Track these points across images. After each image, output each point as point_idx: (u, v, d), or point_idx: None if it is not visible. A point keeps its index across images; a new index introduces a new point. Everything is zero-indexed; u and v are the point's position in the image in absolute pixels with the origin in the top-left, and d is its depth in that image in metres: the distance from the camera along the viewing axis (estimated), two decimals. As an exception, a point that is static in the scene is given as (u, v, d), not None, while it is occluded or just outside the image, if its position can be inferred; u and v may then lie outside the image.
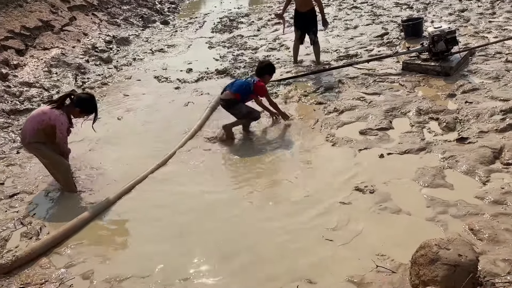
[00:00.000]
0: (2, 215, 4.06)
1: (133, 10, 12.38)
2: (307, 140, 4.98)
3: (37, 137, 4.14)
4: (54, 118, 4.10)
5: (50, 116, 4.10)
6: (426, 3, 10.71)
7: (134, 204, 4.13)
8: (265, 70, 5.33)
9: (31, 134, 4.13)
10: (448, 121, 4.93)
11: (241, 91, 5.12)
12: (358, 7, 11.30)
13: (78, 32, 9.48)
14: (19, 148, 5.24)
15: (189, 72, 7.75)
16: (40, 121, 4.10)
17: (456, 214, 3.50)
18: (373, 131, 4.97)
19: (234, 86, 5.18)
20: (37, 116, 4.14)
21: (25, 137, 4.18)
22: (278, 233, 3.52)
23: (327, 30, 9.51)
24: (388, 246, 3.25)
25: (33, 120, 4.14)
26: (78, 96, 4.35)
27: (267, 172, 4.50)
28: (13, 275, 3.30)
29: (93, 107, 4.34)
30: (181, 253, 3.42)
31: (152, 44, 9.90)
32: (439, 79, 6.16)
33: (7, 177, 4.67)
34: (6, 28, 7.81)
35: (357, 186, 4.00)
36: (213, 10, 13.61)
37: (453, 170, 4.10)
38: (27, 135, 4.15)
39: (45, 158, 4.27)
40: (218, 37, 10.02)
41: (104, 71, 7.99)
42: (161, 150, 4.93)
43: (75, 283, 3.21)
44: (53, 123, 4.09)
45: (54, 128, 4.12)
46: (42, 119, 4.10)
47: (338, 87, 6.32)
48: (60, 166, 4.27)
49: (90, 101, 4.33)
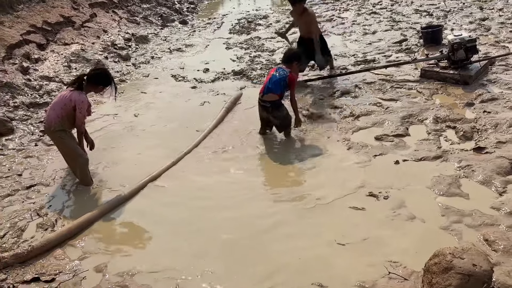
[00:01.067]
0: (19, 206, 4.14)
1: (152, 9, 12.49)
2: (322, 143, 4.97)
3: (61, 125, 4.23)
4: (75, 98, 4.18)
5: (71, 97, 4.18)
6: (446, 11, 10.61)
7: (148, 200, 4.18)
8: (295, 57, 5.15)
9: (56, 122, 4.21)
10: (465, 130, 4.88)
11: (282, 88, 4.97)
12: (377, 13, 11.24)
13: (98, 28, 9.60)
14: (37, 140, 5.33)
15: (206, 72, 7.80)
16: (63, 106, 4.19)
17: (471, 224, 3.47)
18: (389, 137, 4.94)
19: (274, 85, 4.94)
20: (60, 101, 4.23)
21: (50, 125, 4.25)
22: (289, 236, 3.53)
23: (345, 34, 9.50)
24: (401, 253, 3.23)
25: (57, 107, 4.22)
26: (92, 73, 4.39)
27: (279, 174, 4.51)
28: (28, 265, 3.37)
29: (109, 79, 4.39)
30: (194, 251, 3.45)
31: (170, 43, 9.98)
32: (457, 87, 6.10)
33: (25, 168, 4.76)
34: (29, 23, 7.94)
35: (371, 192, 3.98)
36: (231, 11, 13.66)
37: (469, 180, 4.06)
38: (52, 123, 4.23)
39: (66, 149, 4.35)
40: (235, 38, 10.05)
41: (123, 68, 8.08)
42: (176, 148, 4.97)
43: (88, 275, 3.26)
44: (74, 103, 4.16)
45: (75, 111, 4.20)
46: (64, 103, 4.19)
47: (354, 92, 6.30)
48: (79, 158, 4.34)
49: (105, 75, 4.40)
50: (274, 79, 4.97)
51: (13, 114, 5.74)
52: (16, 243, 3.63)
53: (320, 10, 12.20)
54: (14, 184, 4.46)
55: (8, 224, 3.85)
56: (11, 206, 4.13)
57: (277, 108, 5.02)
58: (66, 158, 4.47)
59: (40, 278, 3.22)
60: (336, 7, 12.41)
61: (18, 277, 3.24)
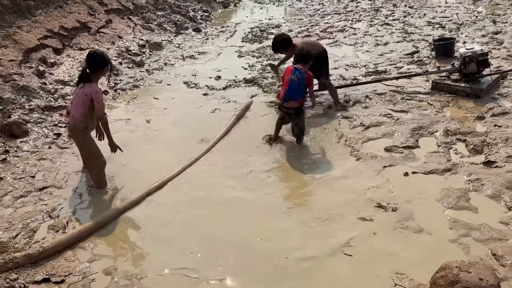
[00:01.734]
0: (32, 207, 4.22)
1: (167, 16, 12.66)
2: (331, 153, 5.00)
3: (85, 122, 4.33)
4: (89, 91, 4.23)
5: (85, 92, 4.24)
6: (459, 24, 10.60)
7: (157, 205, 4.23)
8: (311, 56, 5.15)
9: (81, 120, 4.30)
10: (475, 143, 4.87)
11: (302, 93, 5.02)
12: (390, 24, 11.27)
13: (113, 34, 9.76)
14: (51, 143, 5.43)
15: (217, 79, 7.88)
16: (82, 103, 4.26)
17: (479, 238, 3.46)
18: (399, 148, 4.95)
19: (294, 92, 4.98)
20: (78, 100, 4.30)
21: (75, 124, 4.34)
22: (297, 245, 3.55)
23: (357, 45, 9.52)
24: (408, 265, 3.24)
25: (77, 106, 4.30)
26: (90, 61, 4.33)
27: (286, 183, 4.54)
28: (39, 265, 3.43)
29: (105, 57, 4.38)
30: (203, 257, 3.49)
31: (184, 50, 10.10)
32: (468, 100, 6.10)
33: (38, 170, 4.84)
34: (46, 28, 8.11)
35: (380, 203, 3.99)
36: (244, 20, 13.78)
37: (478, 193, 4.05)
38: (77, 122, 4.32)
39: (86, 149, 4.44)
40: (248, 47, 10.15)
41: (136, 74, 8.20)
42: (187, 154, 5.03)
43: (97, 277, 3.31)
44: (90, 96, 4.23)
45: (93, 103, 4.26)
46: (82, 100, 4.26)
47: (365, 102, 6.32)
48: (97, 160, 4.42)
49: (99, 55, 4.36)
50: (293, 86, 4.97)
51: (28, 116, 5.85)
52: (27, 243, 3.69)
53: (333, 20, 12.27)
54: (27, 186, 4.54)
55: (21, 225, 3.93)
56: (24, 207, 4.21)
57: (298, 115, 5.09)
58: (86, 159, 4.57)
59: (50, 279, 3.27)
60: (348, 17, 12.48)
61: (29, 277, 3.30)
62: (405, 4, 14.11)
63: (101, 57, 4.36)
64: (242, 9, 15.99)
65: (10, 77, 6.33)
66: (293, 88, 4.97)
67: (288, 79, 4.98)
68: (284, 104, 5.06)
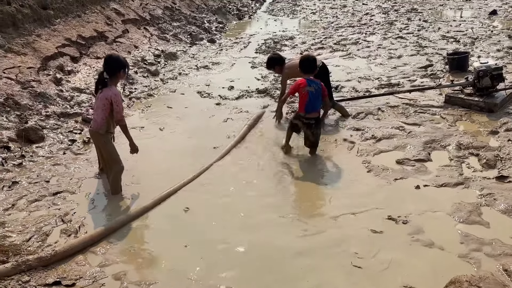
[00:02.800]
0: (45, 211, 4.29)
1: (182, 27, 12.85)
2: (342, 165, 5.00)
3: (107, 126, 4.41)
4: (108, 94, 4.30)
5: (105, 96, 4.31)
6: (474, 38, 10.57)
7: (171, 211, 4.27)
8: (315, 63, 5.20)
9: (102, 124, 4.38)
10: (488, 158, 4.83)
11: (320, 102, 5.13)
12: (404, 37, 11.28)
13: (130, 44, 9.94)
14: (66, 149, 5.52)
15: (230, 89, 7.95)
16: (103, 107, 4.33)
17: (490, 253, 3.42)
18: (411, 161, 4.93)
19: (316, 102, 5.07)
20: (100, 104, 4.37)
21: (97, 128, 4.41)
22: (305, 255, 3.55)
23: (370, 58, 9.53)
24: (417, 278, 3.21)
25: (99, 110, 4.37)
26: (107, 66, 4.37)
27: (296, 194, 4.54)
28: (50, 269, 3.47)
29: (121, 60, 4.42)
30: (212, 262, 3.51)
31: (198, 60, 10.23)
32: (482, 115, 6.06)
33: (52, 175, 4.93)
34: (64, 36, 8.30)
35: (390, 215, 3.98)
36: (258, 31, 13.91)
37: (491, 208, 4.01)
38: (99, 126, 4.40)
39: (106, 153, 4.51)
40: (261, 58, 10.23)
41: (151, 83, 8.32)
42: (199, 162, 5.08)
43: (107, 282, 3.34)
44: (110, 99, 4.29)
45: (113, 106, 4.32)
46: (103, 104, 4.33)
47: (377, 115, 6.32)
48: (115, 165, 4.48)
49: (115, 59, 4.43)
50: (313, 96, 5.02)
51: (45, 122, 5.97)
52: (40, 247, 3.75)
53: (346, 33, 12.32)
54: (41, 190, 4.62)
55: (34, 228, 3.99)
56: (37, 211, 4.28)
57: (317, 125, 5.15)
58: (104, 163, 4.64)
59: (61, 282, 3.31)
60: (362, 30, 12.52)
61: (40, 279, 3.34)
62: (420, 18, 14.11)
63: (118, 60, 4.44)
64: (256, 21, 16.14)
65: (28, 84, 6.49)
66: (313, 98, 5.03)
67: (307, 91, 5.00)
68: (306, 115, 5.09)
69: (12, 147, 5.30)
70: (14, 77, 6.47)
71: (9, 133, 5.47)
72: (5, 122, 5.65)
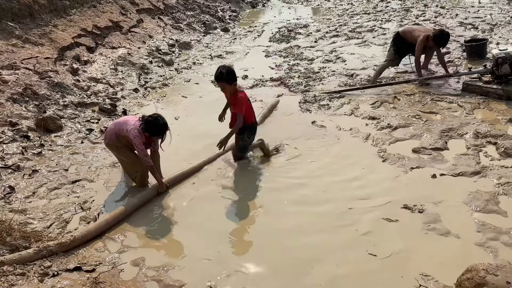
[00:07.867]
0: (65, 199, 4.39)
1: (196, 16, 12.82)
2: (357, 154, 4.98)
3: (117, 142, 4.42)
4: (129, 131, 4.22)
5: (127, 128, 4.25)
6: (492, 24, 10.33)
7: (183, 197, 4.33)
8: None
9: (112, 138, 4.42)
10: (506, 146, 4.76)
11: None
12: (420, 25, 11.07)
13: (144, 34, 9.97)
14: (84, 138, 5.61)
15: (244, 78, 7.94)
16: (118, 131, 4.36)
17: (507, 242, 3.40)
18: (427, 150, 4.89)
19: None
20: (119, 124, 4.41)
21: (106, 138, 4.50)
22: (321, 245, 3.58)
23: (386, 45, 9.40)
24: (433, 267, 3.21)
25: (116, 127, 4.41)
26: (144, 120, 4.20)
27: (313, 185, 4.55)
28: (70, 254, 3.56)
29: (160, 129, 4.21)
30: (229, 250, 3.56)
31: (212, 49, 10.22)
32: (500, 103, 5.95)
33: (71, 164, 5.02)
34: (80, 27, 8.37)
35: (406, 204, 3.96)
36: (272, 20, 13.79)
37: (508, 197, 3.97)
38: (107, 137, 4.46)
39: (123, 157, 4.53)
40: (275, 46, 10.17)
41: (166, 73, 8.36)
42: (215, 149, 5.11)
43: (126, 268, 3.43)
44: (127, 134, 4.25)
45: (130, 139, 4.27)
46: (121, 128, 4.34)
47: (393, 103, 6.26)
48: (138, 165, 4.43)
49: (154, 124, 4.17)
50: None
51: (62, 112, 6.06)
52: (60, 233, 3.85)
53: (362, 20, 12.15)
54: (60, 178, 4.72)
55: (54, 216, 4.09)
56: (57, 198, 4.39)
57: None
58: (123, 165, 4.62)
59: (81, 268, 3.40)
60: (378, 17, 12.32)
61: (62, 265, 3.43)
62: (437, 4, 13.82)
63: (158, 127, 4.19)
64: (270, 9, 16.00)
65: (46, 74, 6.58)
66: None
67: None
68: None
69: (32, 136, 5.41)
70: (32, 67, 6.57)
71: (28, 123, 5.58)
72: (24, 111, 5.76)
